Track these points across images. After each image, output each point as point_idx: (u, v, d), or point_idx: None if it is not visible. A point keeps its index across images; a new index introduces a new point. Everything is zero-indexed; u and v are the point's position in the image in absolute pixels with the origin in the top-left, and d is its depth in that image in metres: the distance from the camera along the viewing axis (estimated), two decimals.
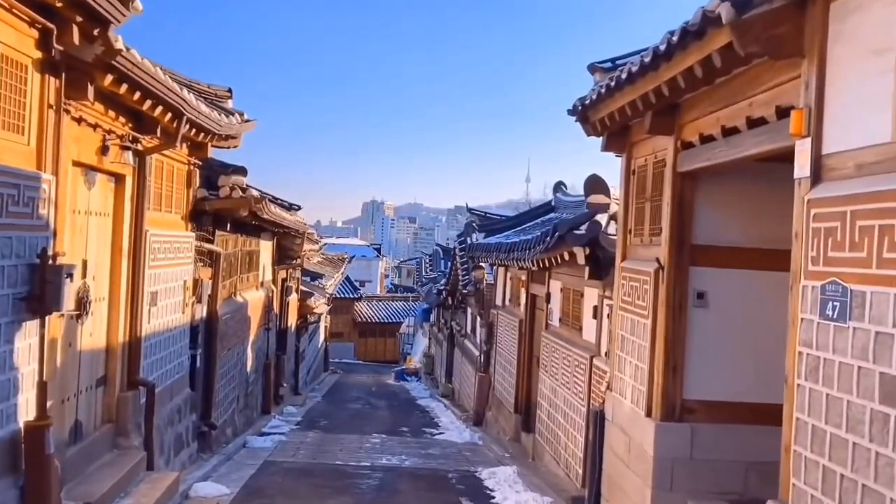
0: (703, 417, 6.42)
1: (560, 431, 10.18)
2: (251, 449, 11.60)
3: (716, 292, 6.43)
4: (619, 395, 7.31)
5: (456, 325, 22.53)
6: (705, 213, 6.45)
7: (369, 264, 63.86)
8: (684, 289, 6.43)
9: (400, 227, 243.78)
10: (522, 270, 13.05)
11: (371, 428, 15.75)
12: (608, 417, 7.62)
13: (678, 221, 6.40)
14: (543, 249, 9.00)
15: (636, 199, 7.34)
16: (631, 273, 7.18)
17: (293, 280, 20.30)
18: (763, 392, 6.42)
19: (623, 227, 7.59)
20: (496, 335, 15.34)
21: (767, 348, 6.42)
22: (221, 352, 11.28)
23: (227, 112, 9.51)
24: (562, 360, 10.30)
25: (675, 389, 6.41)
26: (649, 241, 6.93)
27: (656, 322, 6.56)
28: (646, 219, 7.04)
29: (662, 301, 6.45)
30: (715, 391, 6.42)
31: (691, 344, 6.42)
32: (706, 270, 6.45)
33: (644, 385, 6.65)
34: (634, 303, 7.04)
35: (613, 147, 7.69)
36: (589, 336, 9.39)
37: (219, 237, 10.91)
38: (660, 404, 6.41)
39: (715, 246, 6.46)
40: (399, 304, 49.88)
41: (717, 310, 6.43)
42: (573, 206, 14.46)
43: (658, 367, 6.46)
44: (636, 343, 6.92)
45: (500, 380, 14.80)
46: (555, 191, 16.00)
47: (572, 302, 10.21)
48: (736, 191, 6.47)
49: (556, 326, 11.02)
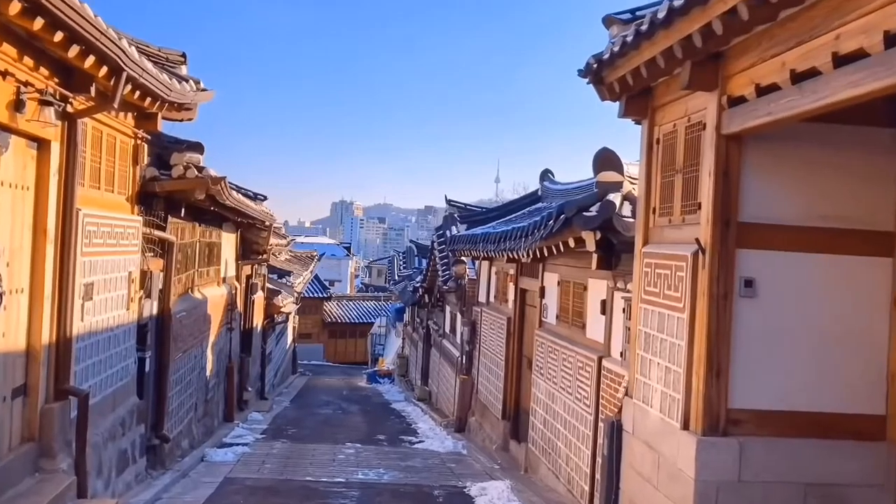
0: (752, 430, 5.34)
1: (560, 442, 9.07)
2: (210, 463, 10.33)
3: (767, 280, 5.36)
4: (643, 402, 6.20)
5: (433, 324, 21.35)
6: (754, 184, 5.37)
7: (339, 263, 62.50)
8: (730, 275, 5.34)
9: (369, 227, 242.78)
10: (511, 263, 11.93)
11: (344, 436, 14.54)
12: (627, 429, 6.52)
13: (723, 195, 5.31)
14: (545, 235, 7.88)
15: (662, 173, 6.25)
16: (658, 259, 6.08)
17: (259, 277, 18.98)
18: (825, 399, 5.36)
19: (645, 207, 6.49)
20: (480, 334, 14.20)
21: (830, 347, 5.37)
22: (176, 354, 9.99)
23: (179, 78, 8.24)
24: (561, 361, 9.18)
25: (720, 397, 5.32)
26: (681, 221, 5.83)
27: (695, 316, 5.46)
28: (676, 194, 5.95)
29: (703, 291, 5.36)
30: (766, 399, 5.35)
31: (737, 342, 5.34)
32: (755, 253, 5.37)
33: (679, 392, 5.55)
34: (663, 294, 5.94)
35: (633, 112, 6.59)
36: (595, 334, 8.28)
37: (172, 224, 9.62)
38: (701, 415, 5.31)
39: (766, 224, 5.38)
40: (370, 303, 48.64)
41: (769, 300, 5.35)
42: (562, 194, 13.40)
43: (698, 370, 5.36)
44: (666, 342, 5.82)
45: (484, 383, 13.66)
46: (541, 179, 14.94)
47: (573, 296, 9.11)
48: (791, 158, 5.41)
49: (553, 324, 9.91)
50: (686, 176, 5.81)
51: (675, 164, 6.02)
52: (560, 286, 9.63)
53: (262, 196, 15.87)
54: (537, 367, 10.26)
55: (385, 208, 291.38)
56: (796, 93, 4.37)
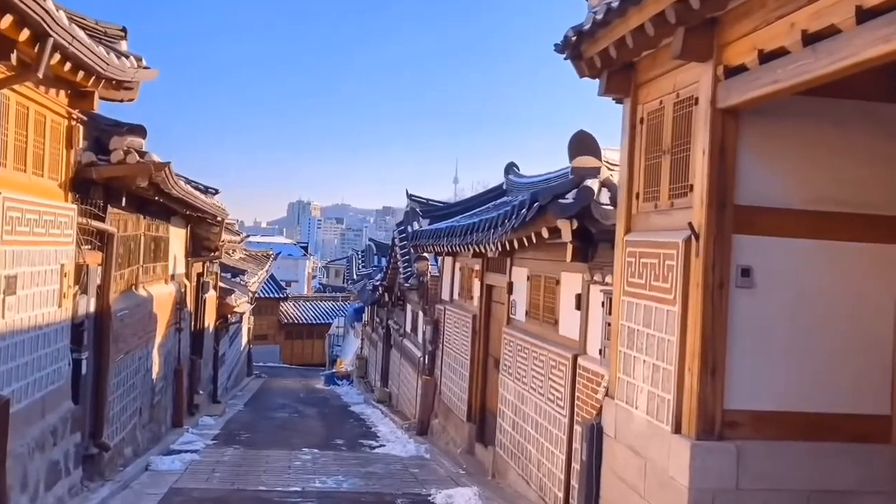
0: (750, 433, 4.88)
1: (530, 445, 8.56)
2: (155, 473, 9.59)
3: (764, 268, 4.91)
4: (627, 404, 5.71)
5: (393, 323, 20.73)
6: (751, 164, 4.91)
7: (296, 263, 61.46)
8: (726, 264, 4.87)
9: (327, 227, 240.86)
10: (476, 259, 11.40)
11: (301, 441, 13.86)
12: (608, 432, 6.02)
13: (719, 175, 4.84)
14: (517, 225, 7.35)
15: (647, 154, 5.77)
16: (643, 248, 5.59)
17: (211, 275, 18.16)
18: (827, 399, 4.92)
19: (627, 192, 6.01)
20: (443, 333, 13.65)
21: (831, 342, 4.93)
22: (117, 356, 9.24)
23: (118, 53, 7.52)
24: (531, 360, 8.67)
25: (715, 397, 4.84)
26: (669, 206, 5.35)
27: (687, 309, 4.98)
28: (663, 177, 5.47)
29: (697, 281, 4.88)
30: (764, 399, 4.89)
31: (734, 337, 4.87)
32: (752, 240, 4.91)
33: (669, 392, 5.06)
34: (650, 285, 5.45)
35: (614, 89, 6.10)
36: (568, 331, 7.79)
37: (113, 215, 8.88)
38: (695, 417, 4.83)
39: (764, 208, 4.93)
40: (328, 304, 47.77)
41: (766, 291, 4.90)
42: (529, 187, 12.92)
43: (692, 367, 4.88)
44: (654, 337, 5.33)
45: (448, 384, 13.11)
46: (506, 172, 14.43)
47: (544, 291, 8.60)
48: (789, 135, 4.96)
49: (522, 321, 9.40)
50: (675, 156, 5.33)
51: (661, 144, 5.54)
52: (530, 281, 9.13)
53: (213, 189, 15.10)
54: (505, 366, 9.75)
55: (343, 208, 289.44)
56: (809, 56, 3.90)
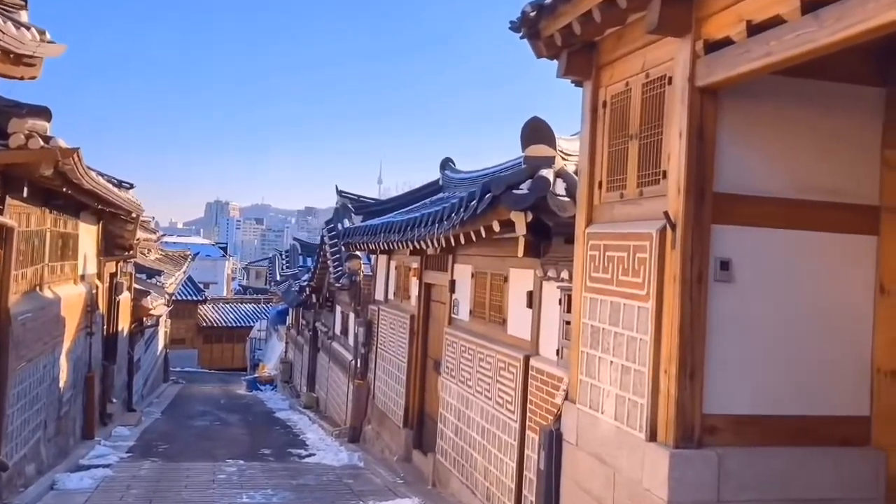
0: (730, 440, 4.51)
1: (476, 452, 8.08)
2: (62, 492, 8.71)
3: (743, 261, 4.55)
4: (591, 408, 5.29)
5: (322, 325, 19.96)
6: (729, 148, 4.56)
7: (214, 264, 59.59)
8: (705, 256, 4.49)
9: (246, 228, 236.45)
10: (414, 256, 10.87)
11: (224, 451, 13.04)
12: (569, 439, 5.59)
13: (697, 159, 4.46)
14: (466, 218, 6.86)
15: (611, 140, 5.36)
16: (609, 240, 5.18)
17: (125, 276, 17.04)
18: (809, 400, 4.60)
19: (589, 181, 5.59)
20: (377, 335, 13.05)
21: (812, 339, 4.61)
22: (18, 363, 8.31)
23: (18, 24, 6.68)
24: (477, 362, 8.20)
25: (694, 402, 4.45)
26: (638, 195, 4.95)
27: (662, 305, 4.58)
28: (630, 164, 5.07)
29: (674, 274, 4.48)
30: (744, 402, 4.54)
31: (712, 335, 4.50)
32: (731, 230, 4.55)
33: (642, 396, 4.65)
34: (617, 280, 5.04)
35: (575, 70, 5.68)
36: (519, 331, 7.34)
37: (13, 207, 7.97)
38: (672, 423, 4.43)
39: (743, 196, 4.57)
40: (249, 306, 46.36)
41: (745, 285, 4.55)
42: (467, 183, 12.52)
43: (668, 369, 4.48)
44: (623, 336, 4.92)
45: (382, 388, 12.53)
46: (442, 168, 13.99)
47: (491, 289, 8.14)
48: (770, 118, 4.62)
49: (465, 321, 8.92)
50: (644, 141, 4.93)
51: (627, 128, 5.14)
52: (475, 278, 8.65)
53: (127, 183, 14.11)
54: (447, 368, 9.25)
55: (263, 209, 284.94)
56: (811, 24, 3.53)
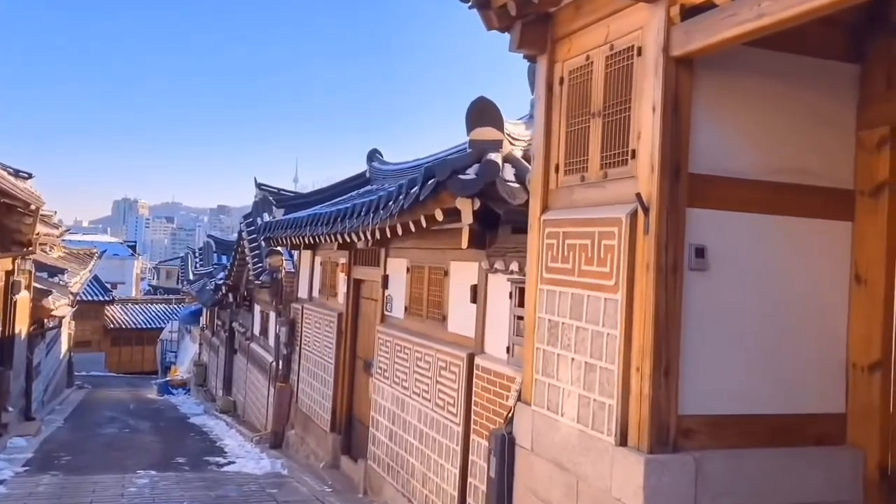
0: (706, 442, 4.16)
1: (413, 458, 7.57)
2: None
3: (719, 248, 4.21)
4: (549, 410, 4.86)
5: (239, 326, 19.04)
6: (705, 126, 4.21)
7: (123, 263, 57.07)
8: (680, 242, 4.13)
9: (156, 227, 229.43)
10: (342, 251, 10.27)
11: (135, 461, 12.12)
12: (523, 444, 5.16)
13: (672, 137, 4.09)
14: (407, 206, 6.33)
15: (569, 120, 4.96)
16: (569, 227, 4.76)
17: (23, 274, 15.75)
18: (785, 398, 4.31)
19: (544, 164, 5.17)
20: (301, 335, 12.37)
21: (787, 332, 4.31)
22: None
23: None
24: (413, 362, 7.70)
25: (669, 402, 4.08)
26: (602, 177, 4.55)
27: (633, 297, 4.19)
28: (592, 145, 4.67)
29: (647, 262, 4.10)
30: (721, 401, 4.20)
31: (687, 329, 4.13)
32: (706, 214, 4.20)
33: (611, 396, 4.25)
34: (579, 270, 4.63)
35: (530, 44, 5.24)
36: (461, 328, 6.88)
37: None
38: (646, 426, 4.04)
39: (718, 177, 4.23)
40: (160, 307, 44.49)
41: (720, 274, 4.21)
42: (396, 174, 11.98)
43: (641, 366, 4.09)
44: (587, 331, 4.51)
45: (307, 390, 11.87)
46: (369, 160, 13.41)
47: (429, 284, 7.65)
48: (745, 93, 4.29)
49: (400, 318, 8.40)
50: (609, 119, 4.54)
51: (589, 106, 4.74)
52: (410, 273, 8.14)
53: (25, 173, 12.98)
54: (380, 369, 8.70)
55: (174, 207, 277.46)
56: None
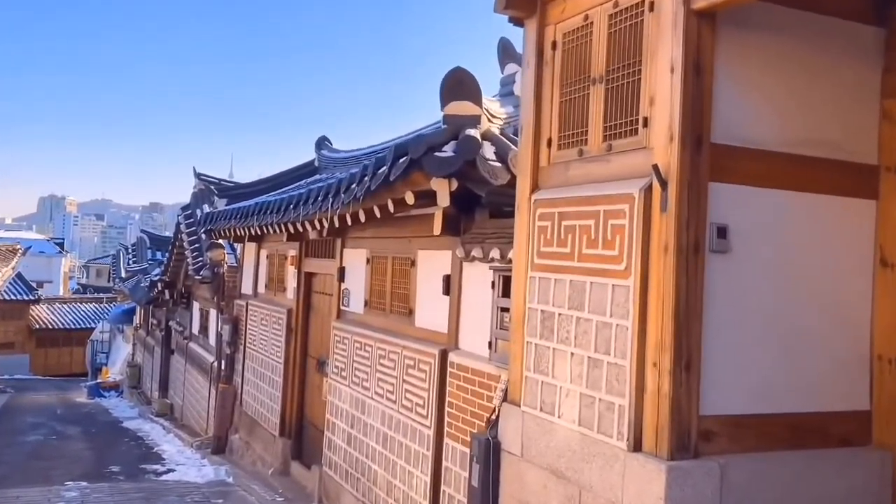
0: (727, 445, 3.71)
1: (376, 464, 6.99)
2: None
3: (741, 227, 3.77)
4: (543, 412, 4.36)
5: (176, 324, 18.07)
6: (727, 90, 3.77)
7: (49, 262, 54.59)
8: (702, 220, 3.66)
9: (85, 224, 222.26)
10: (292, 242, 9.60)
11: (63, 472, 11.20)
12: (511, 450, 4.64)
13: (694, 101, 3.61)
14: (375, 188, 5.73)
15: (563, 88, 4.46)
16: (566, 207, 4.27)
17: None
18: (810, 395, 3.89)
19: (534, 138, 4.66)
20: (245, 333, 11.62)
21: (812, 322, 3.89)
22: None
23: None
24: (376, 359, 7.11)
25: (690, 401, 3.62)
26: (605, 150, 4.07)
27: (647, 282, 3.70)
28: (593, 114, 4.18)
29: (665, 243, 3.63)
30: (742, 399, 3.77)
31: (708, 318, 3.66)
32: (728, 190, 3.76)
33: (622, 395, 3.77)
34: (580, 254, 4.14)
35: (516, 4, 4.71)
36: (432, 322, 6.33)
37: None
38: (666, 428, 3.57)
39: (741, 148, 3.79)
40: (89, 306, 42.56)
41: (742, 257, 3.78)
42: (348, 162, 11.34)
43: (659, 361, 3.61)
44: (591, 322, 4.01)
45: (253, 392, 11.13)
46: (318, 148, 12.73)
47: (393, 276, 7.07)
48: (768, 56, 3.86)
49: (360, 314, 7.79)
50: (613, 85, 4.05)
51: (588, 71, 4.25)
52: (371, 264, 7.54)
53: None
54: (336, 368, 8.08)
55: (104, 204, 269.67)
56: None
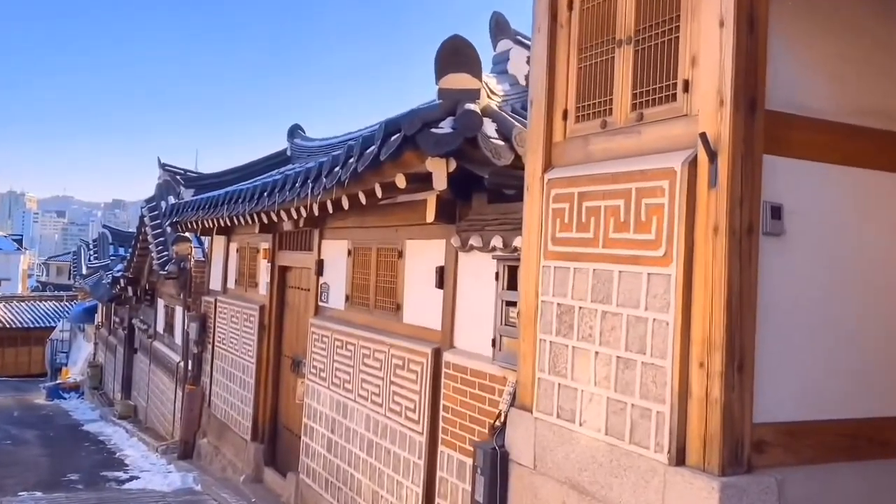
0: (782, 458, 3.24)
1: (360, 473, 6.44)
2: None
3: (797, 208, 3.29)
4: (560, 418, 3.84)
5: (140, 322, 17.28)
6: (781, 49, 3.27)
7: (7, 259, 53.08)
8: (756, 198, 3.17)
9: (46, 222, 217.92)
10: (264, 234, 8.99)
11: (16, 480, 10.46)
12: (521, 461, 4.13)
13: (749, 59, 3.12)
14: (363, 170, 5.17)
15: (582, 52, 3.96)
16: (588, 186, 3.76)
17: None
18: (869, 398, 3.42)
19: (545, 111, 4.16)
20: (214, 331, 10.96)
21: (871, 314, 3.42)
22: None
23: None
24: (360, 359, 6.55)
25: (744, 406, 3.13)
26: (635, 120, 3.57)
27: (692, 270, 3.20)
28: (619, 80, 3.68)
29: (717, 225, 3.14)
30: (797, 404, 3.30)
31: (760, 311, 3.18)
32: (784, 164, 3.28)
33: (661, 400, 3.27)
34: (607, 239, 3.63)
35: None
36: (422, 318, 5.80)
37: None
38: (717, 438, 3.07)
39: (798, 117, 3.30)
40: (49, 304, 41.18)
41: (798, 241, 3.29)
42: (323, 151, 10.74)
43: (709, 360, 3.12)
44: (622, 317, 3.51)
45: (222, 394, 10.49)
46: (290, 136, 12.11)
47: (378, 268, 6.51)
48: (825, 13, 3.37)
49: (340, 310, 7.22)
50: (644, 46, 3.55)
51: (612, 32, 3.75)
52: (353, 256, 6.97)
53: None
54: (315, 369, 7.50)
55: (65, 201, 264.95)
56: None
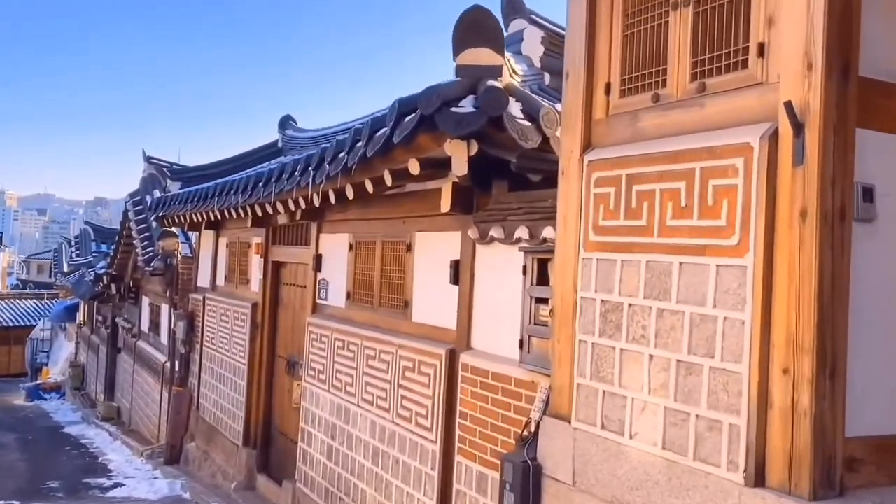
0: (876, 477, 2.82)
1: (364, 483, 5.98)
2: None
3: (890, 189, 2.85)
4: (606, 429, 3.41)
5: (124, 321, 16.69)
6: (878, 11, 2.84)
7: None
8: (849, 178, 2.74)
9: (26, 219, 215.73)
10: (257, 228, 8.49)
11: None
12: (558, 476, 3.69)
13: (841, 18, 2.69)
14: (373, 154, 4.70)
15: (627, 18, 3.55)
16: (637, 167, 3.34)
17: None
18: None
19: (584, 85, 3.72)
20: (202, 330, 10.44)
21: None
22: None
23: None
24: (364, 360, 6.09)
25: (836, 419, 2.70)
26: (696, 91, 3.14)
27: (772, 262, 2.77)
28: (675, 47, 3.26)
29: (805, 209, 2.72)
30: (883, 415, 2.84)
31: (855, 307, 2.75)
32: (879, 139, 2.87)
33: (735, 412, 2.84)
34: (663, 227, 3.21)
35: None
36: (434, 317, 5.34)
37: None
38: (807, 456, 2.64)
39: (891, 84, 2.86)
40: (29, 302, 40.39)
41: (890, 227, 2.85)
42: (315, 142, 10.30)
43: (795, 366, 2.69)
44: (683, 315, 3.08)
45: (211, 396, 9.98)
46: (282, 127, 11.66)
47: (383, 262, 6.05)
48: None
49: (341, 307, 6.75)
50: (709, 6, 3.12)
51: None
52: (355, 251, 6.50)
53: None
54: (313, 370, 7.03)
55: (46, 199, 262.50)
56: None
